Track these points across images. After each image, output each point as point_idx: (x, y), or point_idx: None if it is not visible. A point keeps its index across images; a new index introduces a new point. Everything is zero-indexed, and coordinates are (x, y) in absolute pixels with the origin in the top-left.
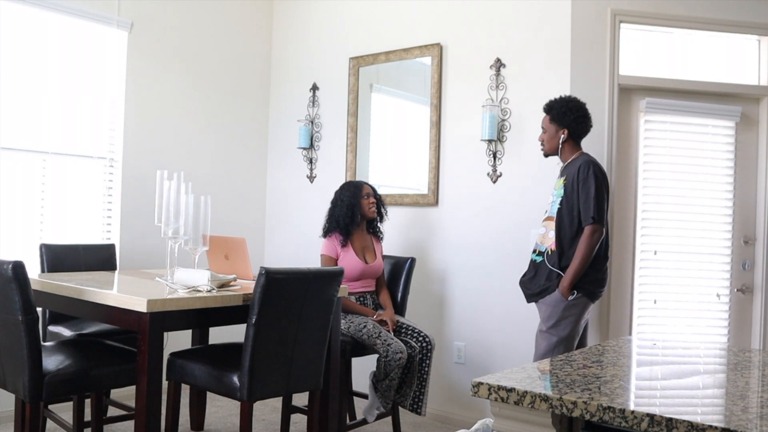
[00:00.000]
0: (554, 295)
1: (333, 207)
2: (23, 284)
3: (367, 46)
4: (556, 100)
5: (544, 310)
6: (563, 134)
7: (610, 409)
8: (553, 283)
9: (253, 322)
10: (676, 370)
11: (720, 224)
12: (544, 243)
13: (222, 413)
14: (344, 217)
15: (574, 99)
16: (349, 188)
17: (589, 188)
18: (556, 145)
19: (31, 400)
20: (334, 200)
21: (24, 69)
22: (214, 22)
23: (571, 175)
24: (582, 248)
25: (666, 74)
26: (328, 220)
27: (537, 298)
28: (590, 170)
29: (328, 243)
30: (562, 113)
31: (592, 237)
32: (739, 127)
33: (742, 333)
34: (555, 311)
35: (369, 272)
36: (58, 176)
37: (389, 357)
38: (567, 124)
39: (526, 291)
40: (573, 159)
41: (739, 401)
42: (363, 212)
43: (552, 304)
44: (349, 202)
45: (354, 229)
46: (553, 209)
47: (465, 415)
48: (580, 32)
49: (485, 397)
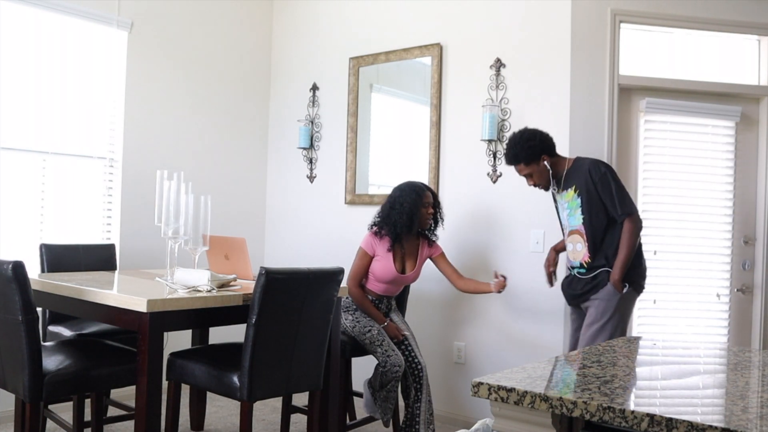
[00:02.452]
0: (607, 289)
1: (390, 209)
2: (23, 284)
3: (367, 46)
4: (511, 146)
5: (596, 305)
6: (546, 162)
7: (610, 409)
8: (601, 278)
9: (253, 322)
10: (676, 370)
11: (720, 224)
12: (576, 258)
13: (222, 413)
14: (401, 224)
15: (521, 131)
16: (410, 193)
17: (610, 184)
18: (548, 174)
19: (31, 400)
20: (392, 201)
21: (24, 69)
22: (215, 21)
23: (583, 181)
24: (626, 240)
25: (666, 74)
26: (383, 221)
27: (587, 296)
28: (601, 167)
29: (370, 239)
30: (529, 150)
31: (634, 227)
32: (739, 127)
33: (742, 333)
34: (609, 305)
35: (400, 281)
36: (58, 176)
37: (386, 368)
38: (539, 152)
39: (572, 293)
40: (570, 167)
41: (739, 401)
42: (421, 223)
43: (606, 299)
44: (410, 210)
45: (407, 238)
46: (573, 221)
47: (465, 415)
48: (580, 32)
49: (485, 397)
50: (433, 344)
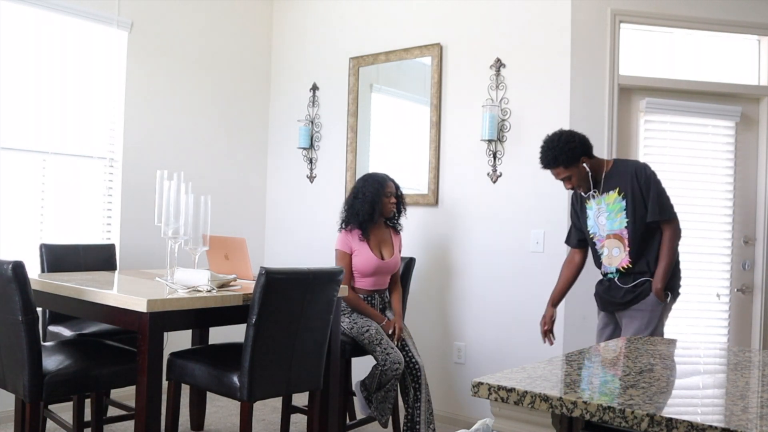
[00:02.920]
0: (650, 300)
1: (353, 199)
2: (23, 284)
3: (367, 46)
4: (550, 149)
5: (640, 317)
6: (586, 164)
7: (610, 409)
8: (644, 287)
9: (253, 322)
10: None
11: (720, 224)
12: (613, 263)
13: (222, 413)
14: (364, 213)
15: (558, 133)
16: (372, 183)
17: (656, 187)
18: (588, 176)
19: (31, 400)
20: (355, 192)
21: (24, 69)
22: (214, 21)
23: (628, 183)
24: (669, 246)
25: (666, 74)
26: (347, 212)
27: (628, 305)
28: (647, 170)
29: (343, 237)
30: (569, 152)
31: (675, 234)
32: (739, 127)
33: (742, 333)
34: (654, 315)
35: (384, 269)
36: (58, 176)
37: (386, 366)
38: (579, 154)
39: (610, 299)
40: (610, 170)
41: (739, 401)
42: (383, 211)
43: (649, 309)
44: (372, 199)
45: (371, 226)
46: (614, 224)
47: (465, 415)
48: (580, 32)
49: (485, 397)
50: (433, 344)
